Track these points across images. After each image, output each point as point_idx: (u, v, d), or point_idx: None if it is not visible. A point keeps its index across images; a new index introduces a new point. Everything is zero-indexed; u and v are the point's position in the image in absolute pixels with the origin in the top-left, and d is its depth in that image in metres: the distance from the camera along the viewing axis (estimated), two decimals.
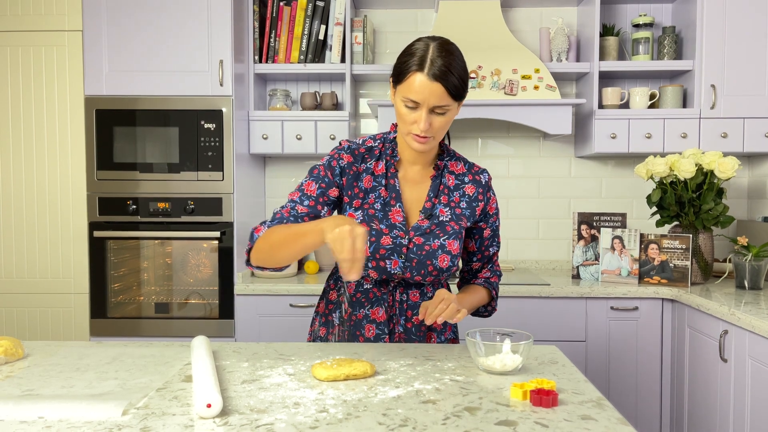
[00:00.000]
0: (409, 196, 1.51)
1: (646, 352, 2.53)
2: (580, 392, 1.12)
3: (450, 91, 1.34)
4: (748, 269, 2.41)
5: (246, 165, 2.82)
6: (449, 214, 1.50)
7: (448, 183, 1.53)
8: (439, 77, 1.32)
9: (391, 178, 1.50)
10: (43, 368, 1.27)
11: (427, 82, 1.33)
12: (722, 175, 2.48)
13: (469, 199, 1.53)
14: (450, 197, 1.52)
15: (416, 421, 0.97)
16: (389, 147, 1.52)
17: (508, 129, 3.16)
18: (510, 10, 3.12)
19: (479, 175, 1.56)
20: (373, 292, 1.51)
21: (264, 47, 2.90)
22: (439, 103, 1.34)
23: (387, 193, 1.49)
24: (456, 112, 1.42)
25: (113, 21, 2.61)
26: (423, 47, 1.36)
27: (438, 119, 1.37)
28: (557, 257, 3.17)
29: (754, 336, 1.92)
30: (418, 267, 1.47)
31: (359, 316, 1.52)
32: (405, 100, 1.36)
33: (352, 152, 1.50)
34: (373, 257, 1.46)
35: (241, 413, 1.01)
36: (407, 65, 1.35)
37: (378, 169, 1.50)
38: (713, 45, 2.73)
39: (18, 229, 2.67)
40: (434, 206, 1.50)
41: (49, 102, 2.64)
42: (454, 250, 1.48)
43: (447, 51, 1.35)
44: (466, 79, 1.37)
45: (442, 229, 1.48)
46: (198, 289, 2.67)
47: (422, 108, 1.35)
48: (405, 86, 1.36)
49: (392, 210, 1.48)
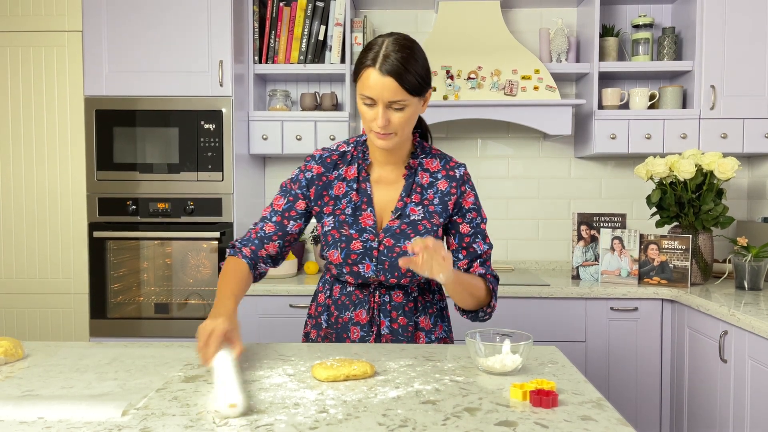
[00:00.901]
0: (381, 197, 1.49)
1: (646, 352, 2.53)
2: (580, 393, 1.12)
3: (404, 86, 1.31)
4: (747, 270, 2.41)
5: (246, 165, 2.82)
6: (421, 213, 1.47)
7: (421, 181, 1.49)
8: (392, 72, 1.30)
9: (363, 181, 1.48)
10: (43, 369, 1.27)
11: (379, 77, 1.31)
12: (722, 175, 2.48)
13: (442, 194, 1.49)
14: (423, 195, 1.48)
15: (416, 421, 0.97)
16: (361, 150, 1.50)
17: (508, 129, 3.16)
18: (510, 10, 3.12)
19: (454, 170, 1.51)
20: (356, 294, 1.51)
21: (264, 48, 2.90)
22: (394, 98, 1.32)
23: (358, 197, 1.48)
24: (419, 108, 1.39)
25: (113, 21, 2.61)
26: (380, 42, 1.34)
27: (396, 115, 1.35)
28: (557, 258, 3.17)
29: (754, 336, 1.92)
30: (391, 269, 1.45)
31: (345, 318, 1.51)
32: (362, 97, 1.35)
33: (323, 161, 1.50)
34: (345, 263, 1.45)
35: (241, 413, 1.01)
36: (362, 62, 1.35)
37: (350, 174, 1.49)
38: (713, 45, 2.74)
39: (18, 230, 2.67)
40: (405, 206, 1.47)
41: (49, 102, 2.64)
42: None
43: (402, 45, 1.33)
44: (423, 74, 1.35)
45: (414, 228, 1.45)
46: (198, 290, 2.67)
47: (378, 104, 1.34)
48: (361, 83, 1.35)
49: (363, 214, 1.47)
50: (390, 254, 1.44)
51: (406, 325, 1.51)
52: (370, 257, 1.45)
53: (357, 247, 1.44)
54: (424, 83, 1.35)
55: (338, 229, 1.46)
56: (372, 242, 1.44)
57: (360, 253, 1.44)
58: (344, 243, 1.44)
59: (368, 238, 1.44)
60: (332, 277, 1.56)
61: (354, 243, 1.44)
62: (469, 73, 2.78)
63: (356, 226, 1.46)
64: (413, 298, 1.52)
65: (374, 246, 1.44)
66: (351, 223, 1.46)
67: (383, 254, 1.44)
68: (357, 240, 1.44)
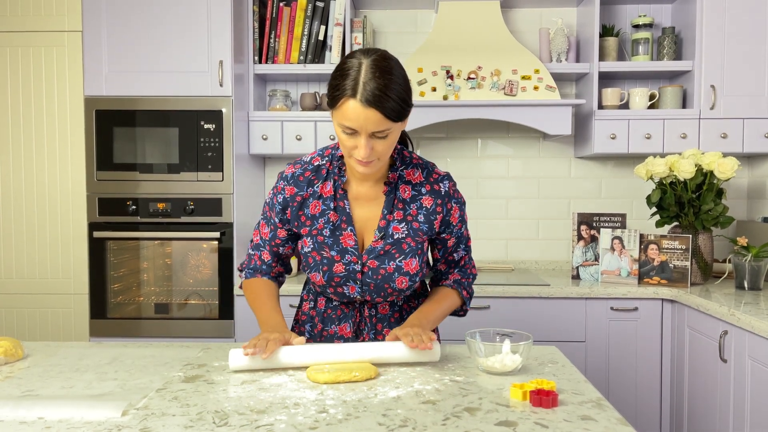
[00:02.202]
0: (361, 215, 1.42)
1: (645, 352, 2.53)
2: (580, 393, 1.12)
3: (387, 115, 1.22)
4: (747, 270, 2.41)
5: (246, 165, 2.82)
6: (405, 230, 1.41)
7: (403, 196, 1.42)
8: (374, 103, 1.21)
9: (341, 199, 1.41)
10: (43, 369, 1.27)
11: (361, 108, 1.21)
12: (722, 175, 2.48)
13: (427, 212, 1.42)
14: (406, 211, 1.41)
15: (416, 421, 0.97)
16: (337, 165, 1.42)
17: (508, 129, 3.16)
18: (509, 10, 3.12)
19: (438, 183, 1.44)
20: (341, 309, 1.49)
21: (264, 48, 2.90)
22: (377, 128, 1.23)
23: (337, 216, 1.41)
24: (400, 129, 1.30)
25: (113, 21, 2.61)
26: (356, 67, 1.23)
27: (380, 143, 1.27)
28: (557, 258, 3.17)
29: (754, 336, 1.92)
30: (377, 290, 1.42)
31: (330, 332, 1.50)
32: (342, 126, 1.26)
33: (295, 181, 1.42)
34: (329, 285, 1.42)
35: (241, 414, 1.01)
36: (339, 90, 1.24)
37: (326, 191, 1.41)
38: (713, 45, 2.74)
39: (18, 230, 2.67)
40: (388, 224, 1.40)
41: (48, 103, 2.64)
42: (413, 269, 1.41)
43: (381, 69, 1.23)
44: (406, 97, 1.26)
45: (398, 248, 1.40)
46: (198, 290, 2.67)
47: (361, 135, 1.24)
48: (339, 113, 1.24)
49: (343, 234, 1.40)
50: (375, 276, 1.40)
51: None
52: (354, 280, 1.41)
53: (339, 270, 1.40)
54: (406, 106, 1.27)
55: (318, 251, 1.41)
56: (355, 264, 1.40)
57: (343, 276, 1.40)
58: (326, 266, 1.40)
59: (351, 260, 1.40)
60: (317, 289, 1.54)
61: (336, 266, 1.40)
62: (469, 73, 2.78)
63: (337, 248, 1.40)
64: (398, 308, 1.51)
65: (357, 269, 1.40)
66: (331, 244, 1.40)
67: (368, 276, 1.40)
68: (339, 263, 1.40)
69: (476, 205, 3.15)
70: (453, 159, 3.15)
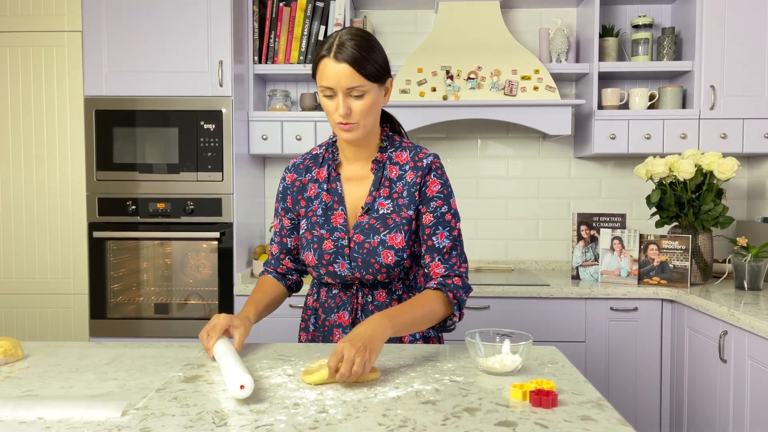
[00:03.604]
0: (352, 195, 1.49)
1: (645, 352, 2.53)
2: (580, 393, 1.12)
3: (360, 72, 1.32)
4: (747, 270, 2.41)
5: (245, 165, 2.82)
6: (390, 206, 1.45)
7: (390, 175, 1.47)
8: (347, 58, 1.31)
9: (333, 181, 1.49)
10: (43, 369, 1.27)
11: (334, 64, 1.32)
12: (722, 175, 2.48)
13: (409, 185, 1.46)
14: (392, 189, 1.47)
15: (416, 421, 0.97)
16: (331, 151, 1.52)
17: (508, 129, 3.16)
18: (509, 10, 3.13)
19: (422, 160, 1.47)
20: (339, 297, 1.51)
21: (263, 48, 2.90)
22: (351, 84, 1.32)
23: (329, 197, 1.49)
24: (380, 96, 1.39)
25: (113, 21, 2.61)
26: (334, 35, 1.36)
27: (357, 103, 1.35)
28: (557, 258, 3.17)
29: (754, 336, 1.92)
30: (365, 266, 1.44)
31: (330, 321, 1.52)
32: (322, 89, 1.36)
33: (296, 169, 1.54)
34: (320, 264, 1.47)
35: (240, 414, 1.01)
36: (317, 55, 1.36)
37: (321, 176, 1.51)
38: (713, 46, 2.74)
39: (17, 230, 2.67)
40: (374, 200, 1.46)
41: (48, 103, 2.64)
42: (398, 243, 1.43)
43: (355, 35, 1.35)
44: (378, 59, 1.35)
45: (383, 222, 1.44)
46: (197, 290, 2.67)
47: (338, 93, 1.34)
48: (319, 75, 1.36)
49: (334, 213, 1.48)
50: (361, 250, 1.44)
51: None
52: (342, 255, 1.45)
53: (329, 246, 1.45)
54: (383, 70, 1.36)
55: (311, 230, 1.48)
56: (342, 240, 1.45)
57: (332, 252, 1.45)
58: (316, 244, 1.46)
59: (339, 237, 1.45)
60: (319, 281, 1.57)
61: (326, 243, 1.46)
62: (469, 73, 2.78)
63: (327, 226, 1.47)
64: (397, 296, 1.51)
65: (345, 244, 1.45)
66: (322, 223, 1.48)
67: (354, 251, 1.44)
68: (328, 240, 1.46)
69: (476, 205, 3.15)
70: (453, 159, 3.15)
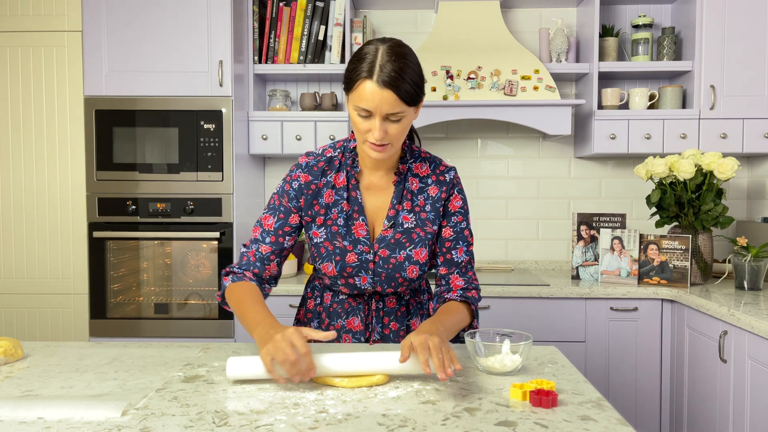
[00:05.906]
0: (372, 205, 1.45)
1: (645, 352, 2.53)
2: (580, 393, 1.12)
3: (402, 98, 1.26)
4: (747, 270, 2.41)
5: (245, 165, 2.82)
6: (414, 221, 1.44)
7: (411, 187, 1.45)
8: (390, 84, 1.25)
9: (353, 189, 1.45)
10: (43, 369, 1.27)
11: (377, 89, 1.25)
12: (722, 175, 2.48)
13: (433, 200, 1.46)
14: (414, 202, 1.45)
15: (416, 421, 0.97)
16: (349, 156, 1.46)
17: (508, 129, 3.16)
18: (509, 10, 3.12)
19: (444, 174, 1.48)
20: (349, 303, 1.50)
21: (264, 48, 2.90)
22: (392, 110, 1.27)
23: (349, 206, 1.44)
24: (414, 116, 1.34)
25: (113, 21, 2.61)
26: (373, 51, 1.28)
27: (393, 126, 1.30)
28: (557, 258, 3.17)
29: (754, 336, 1.92)
30: (388, 280, 1.44)
31: (337, 326, 1.51)
32: (357, 108, 1.29)
33: (309, 169, 1.45)
34: (341, 275, 1.43)
35: (240, 413, 1.01)
36: (356, 72, 1.28)
37: (339, 182, 1.45)
38: (713, 46, 2.74)
39: (17, 230, 2.66)
40: (398, 213, 1.44)
41: (48, 102, 2.64)
42: (422, 258, 1.44)
43: (398, 54, 1.27)
44: (420, 82, 1.31)
45: (408, 237, 1.43)
46: (197, 290, 2.67)
47: (375, 116, 1.28)
48: (356, 95, 1.28)
49: (355, 224, 1.43)
50: (386, 265, 1.42)
51: (397, 330, 1.51)
52: (366, 270, 1.43)
53: (352, 260, 1.42)
54: (420, 91, 1.31)
55: (331, 241, 1.43)
56: (367, 254, 1.42)
57: (355, 266, 1.43)
58: (339, 256, 1.42)
59: (363, 250, 1.42)
60: (322, 285, 1.55)
61: (349, 256, 1.42)
62: (469, 73, 2.78)
63: (349, 238, 1.43)
64: (405, 302, 1.52)
65: (370, 258, 1.43)
66: (344, 234, 1.43)
67: (379, 266, 1.43)
68: (351, 252, 1.42)
69: (476, 205, 3.15)
70: (453, 159, 3.15)
